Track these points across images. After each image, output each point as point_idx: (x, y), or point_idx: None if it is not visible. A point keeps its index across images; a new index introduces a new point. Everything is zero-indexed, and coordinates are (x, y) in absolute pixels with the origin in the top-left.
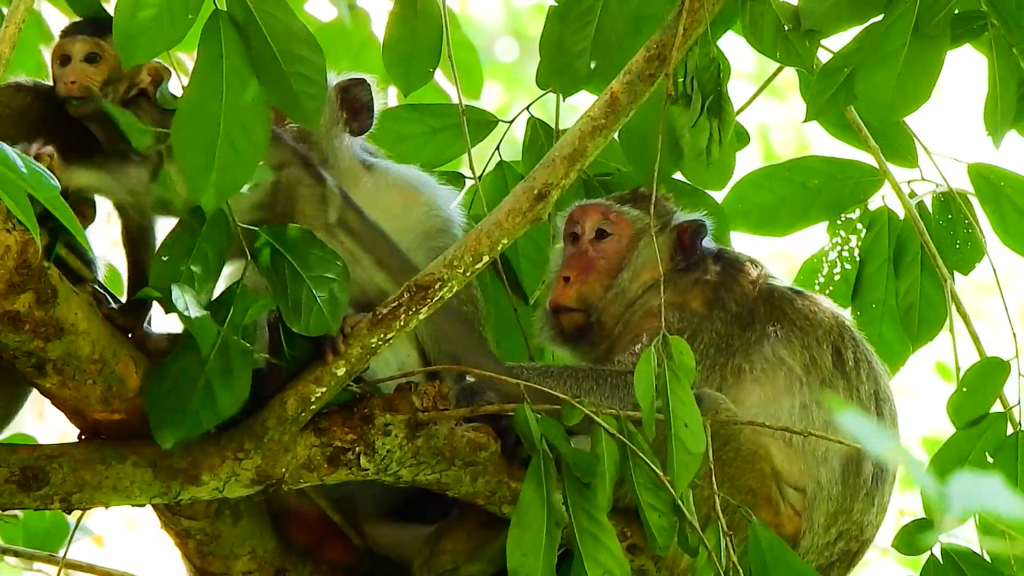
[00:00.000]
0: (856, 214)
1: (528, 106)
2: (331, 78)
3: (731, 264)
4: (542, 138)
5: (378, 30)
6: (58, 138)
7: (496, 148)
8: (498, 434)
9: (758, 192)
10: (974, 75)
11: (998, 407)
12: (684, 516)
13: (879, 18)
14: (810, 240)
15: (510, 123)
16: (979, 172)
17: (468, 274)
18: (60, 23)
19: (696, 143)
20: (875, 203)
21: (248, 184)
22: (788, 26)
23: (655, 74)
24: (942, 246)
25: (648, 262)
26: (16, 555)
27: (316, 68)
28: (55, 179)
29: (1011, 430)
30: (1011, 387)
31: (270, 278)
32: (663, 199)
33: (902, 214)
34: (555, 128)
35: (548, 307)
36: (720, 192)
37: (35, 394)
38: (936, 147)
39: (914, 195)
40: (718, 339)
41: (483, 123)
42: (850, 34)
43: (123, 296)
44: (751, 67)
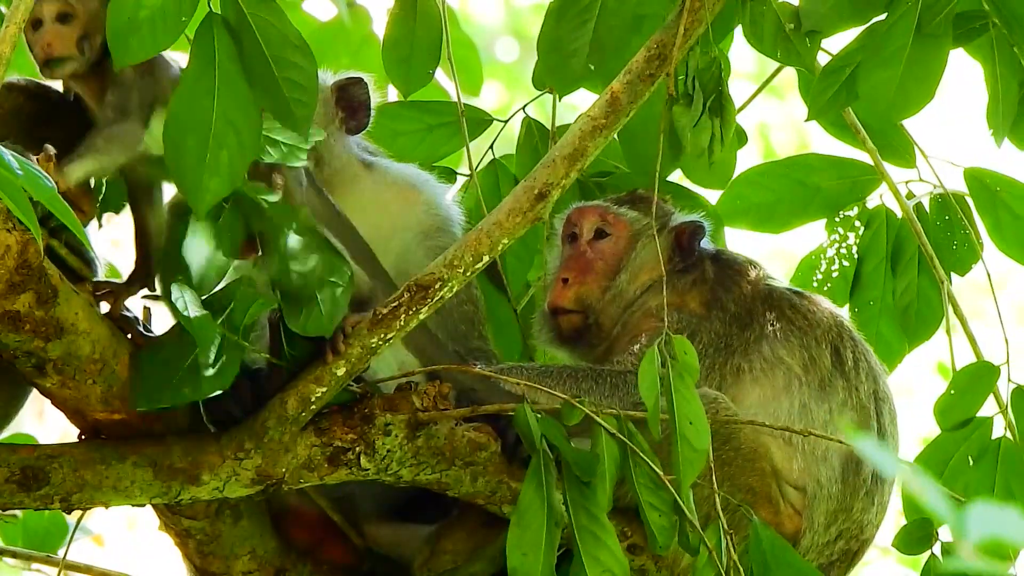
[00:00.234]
0: (855, 212)
1: (524, 106)
2: (330, 76)
3: (729, 265)
4: (536, 138)
5: (378, 28)
6: (51, 138)
7: (490, 146)
8: (498, 434)
9: (756, 189)
10: (971, 78)
11: (995, 409)
12: (684, 515)
13: (881, 18)
14: (809, 239)
15: (505, 122)
16: (975, 176)
17: (468, 274)
18: None
19: (698, 143)
20: (873, 201)
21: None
22: (789, 26)
23: (656, 74)
24: (939, 247)
25: (646, 263)
26: (15, 556)
27: (307, 74)
28: (52, 181)
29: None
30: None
31: (272, 276)
32: (661, 200)
33: (900, 214)
34: (551, 128)
35: (546, 309)
36: (720, 191)
37: (35, 394)
38: (933, 150)
39: (912, 196)
40: (717, 339)
41: (479, 121)
42: (851, 34)
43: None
44: (751, 67)
